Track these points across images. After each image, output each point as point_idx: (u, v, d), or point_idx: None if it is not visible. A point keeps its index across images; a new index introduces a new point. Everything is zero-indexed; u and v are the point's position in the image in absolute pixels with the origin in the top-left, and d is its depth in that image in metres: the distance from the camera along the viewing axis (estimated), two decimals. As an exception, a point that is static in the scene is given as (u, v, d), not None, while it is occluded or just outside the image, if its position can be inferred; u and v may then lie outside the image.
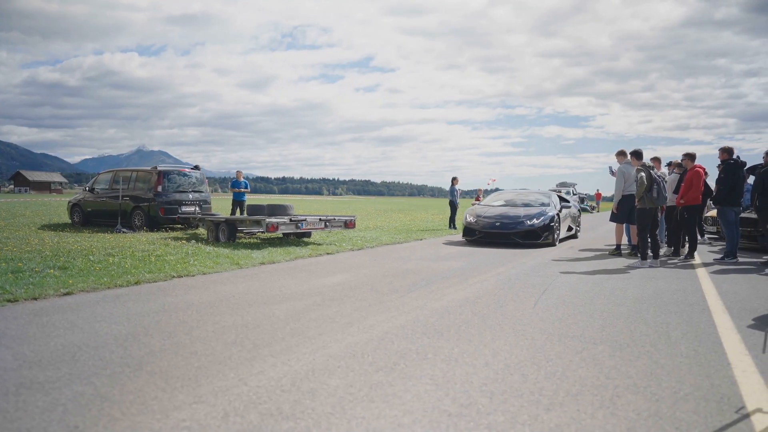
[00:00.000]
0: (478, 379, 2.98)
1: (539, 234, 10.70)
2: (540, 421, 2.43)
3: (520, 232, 10.72)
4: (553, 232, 10.91)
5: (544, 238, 10.72)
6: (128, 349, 3.42)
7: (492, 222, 11.10)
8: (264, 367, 3.09)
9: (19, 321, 4.14)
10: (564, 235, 12.19)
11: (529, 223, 10.78)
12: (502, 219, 11.12)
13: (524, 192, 13.25)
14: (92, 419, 2.36)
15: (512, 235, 10.74)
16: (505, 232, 10.81)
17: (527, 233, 10.71)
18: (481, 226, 11.13)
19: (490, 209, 11.85)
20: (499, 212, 11.53)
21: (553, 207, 11.61)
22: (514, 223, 10.88)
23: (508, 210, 11.66)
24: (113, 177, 14.58)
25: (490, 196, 14.02)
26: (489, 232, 10.99)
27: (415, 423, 2.39)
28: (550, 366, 3.23)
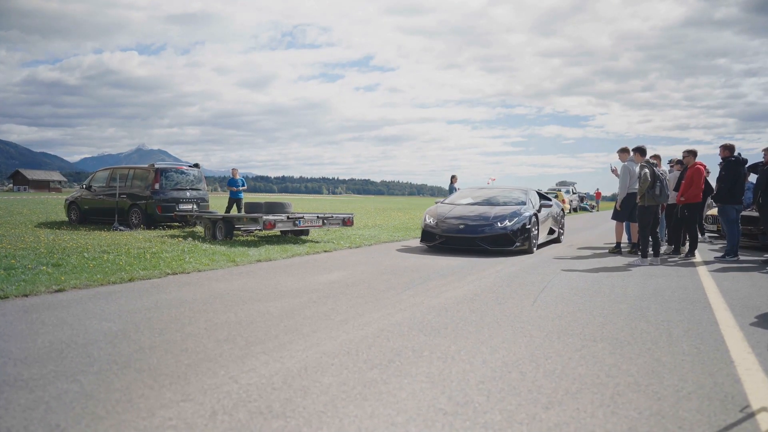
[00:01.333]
0: (475, 377, 2.90)
1: (512, 239, 8.87)
2: (538, 420, 2.35)
3: (488, 236, 8.88)
4: (529, 237, 9.12)
5: (519, 244, 8.95)
6: (117, 347, 3.34)
7: (455, 224, 9.18)
8: (256, 365, 3.02)
9: (7, 318, 4.05)
10: (544, 239, 10.35)
11: (501, 225, 8.94)
12: (467, 221, 9.19)
13: (498, 188, 11.28)
14: (75, 418, 2.28)
15: (479, 241, 8.87)
16: (471, 237, 8.92)
17: (498, 238, 8.88)
18: (443, 229, 9.21)
19: (454, 209, 9.84)
20: (465, 212, 9.57)
21: (530, 206, 9.74)
22: (481, 226, 9.00)
23: (476, 210, 9.69)
24: (110, 175, 14.49)
25: (457, 192, 11.75)
26: (451, 237, 9.10)
27: (409, 422, 2.31)
28: (549, 364, 3.15)
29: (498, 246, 8.86)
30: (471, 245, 8.96)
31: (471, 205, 10.09)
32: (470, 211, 9.60)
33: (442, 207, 10.15)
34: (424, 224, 9.60)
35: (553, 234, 11.10)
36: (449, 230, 9.15)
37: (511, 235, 8.88)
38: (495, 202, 10.16)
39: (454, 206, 10.07)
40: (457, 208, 9.93)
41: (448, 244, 9.18)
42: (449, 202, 10.69)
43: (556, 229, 11.38)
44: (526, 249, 9.09)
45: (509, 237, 8.88)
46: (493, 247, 8.84)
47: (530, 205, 9.83)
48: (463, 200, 10.64)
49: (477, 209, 9.71)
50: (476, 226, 9.02)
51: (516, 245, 8.89)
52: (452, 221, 9.29)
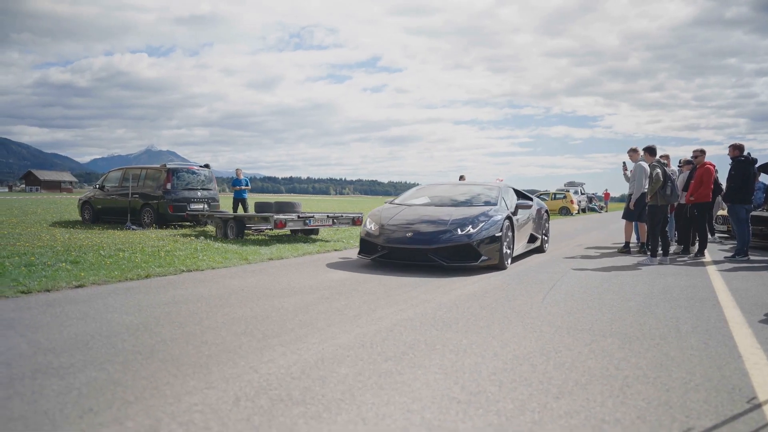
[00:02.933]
0: (486, 368, 2.99)
1: (476, 250, 6.73)
2: (549, 409, 2.43)
3: (444, 247, 6.70)
4: (500, 247, 6.92)
5: (486, 257, 6.79)
6: (140, 338, 3.45)
7: (402, 232, 6.99)
8: (274, 356, 3.12)
9: (32, 311, 4.18)
10: (522, 249, 8.29)
11: (462, 232, 6.79)
12: (418, 226, 7.02)
13: (463, 185, 9.16)
14: (106, 402, 2.39)
15: (432, 253, 6.71)
16: (421, 249, 6.73)
17: (457, 249, 6.73)
18: (386, 238, 7.02)
19: (403, 211, 7.63)
20: (416, 215, 7.39)
21: (502, 207, 7.66)
22: (436, 233, 6.82)
23: (432, 212, 7.51)
24: (123, 175, 14.69)
25: (411, 190, 9.28)
26: (396, 248, 6.89)
27: (424, 409, 2.40)
28: (559, 357, 3.23)
29: (457, 260, 6.73)
30: (421, 259, 6.79)
31: (426, 206, 7.96)
32: (423, 214, 7.41)
33: (389, 209, 7.89)
34: (364, 231, 7.45)
35: (534, 242, 9.03)
36: (393, 239, 6.95)
37: (475, 246, 6.71)
38: (457, 202, 8.08)
39: (404, 208, 7.85)
40: (408, 210, 7.70)
41: (392, 258, 6.98)
42: (400, 202, 8.47)
43: (538, 235, 9.23)
44: (497, 264, 6.91)
45: (472, 248, 6.72)
46: (451, 262, 6.69)
47: (503, 205, 7.77)
48: (417, 200, 8.48)
49: (433, 211, 7.54)
50: (429, 234, 6.83)
51: (482, 259, 6.75)
52: (398, 227, 7.10)
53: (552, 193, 32.10)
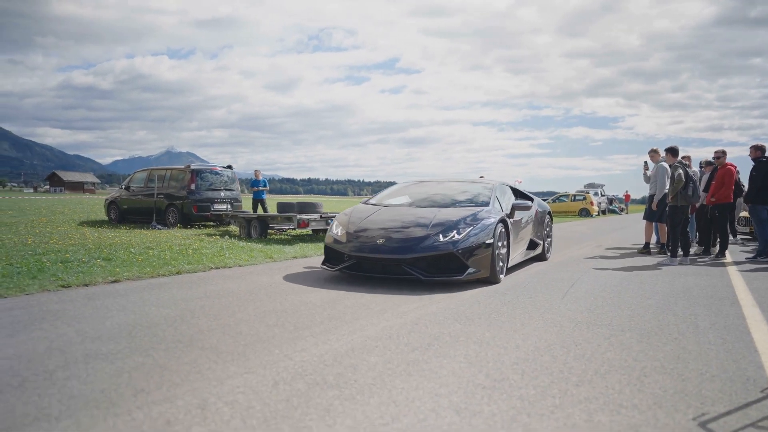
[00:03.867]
0: (509, 358, 3.13)
1: (462, 261, 5.51)
2: (569, 395, 2.56)
3: (422, 257, 5.50)
4: (492, 257, 5.73)
5: (475, 269, 5.58)
6: (178, 329, 3.65)
7: (372, 239, 5.78)
8: (306, 346, 3.29)
9: (75, 303, 4.42)
10: (520, 258, 7.14)
11: (444, 239, 5.58)
12: (392, 231, 5.82)
13: (451, 182, 7.67)
14: (155, 384, 2.58)
15: (407, 265, 5.49)
16: (395, 258, 5.52)
17: (438, 260, 5.54)
18: (353, 246, 5.83)
19: (377, 213, 6.46)
20: (391, 218, 6.18)
21: (495, 208, 6.50)
22: (413, 240, 5.61)
23: (410, 214, 6.32)
24: (148, 176, 15.07)
25: (390, 188, 7.98)
26: (364, 258, 5.70)
27: (451, 393, 2.55)
28: (579, 349, 3.35)
29: (439, 273, 5.51)
30: (395, 271, 5.55)
31: (405, 207, 6.77)
32: (400, 217, 6.19)
33: (361, 210, 6.66)
34: (329, 237, 6.25)
35: (535, 248, 7.82)
36: (361, 247, 5.75)
37: (460, 256, 5.48)
38: (443, 202, 6.83)
39: (378, 209, 6.63)
40: (383, 211, 6.49)
41: (359, 270, 5.76)
42: (376, 202, 7.20)
43: (540, 241, 8.05)
44: (488, 277, 5.72)
45: (457, 258, 5.49)
46: (431, 276, 5.45)
47: (496, 206, 6.60)
48: (396, 199, 7.29)
49: (412, 213, 6.31)
50: (405, 241, 5.61)
51: (469, 272, 5.50)
52: (368, 233, 5.88)
53: (572, 195, 31.97)
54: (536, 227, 7.96)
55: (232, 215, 12.28)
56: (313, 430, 2.13)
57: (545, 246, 8.32)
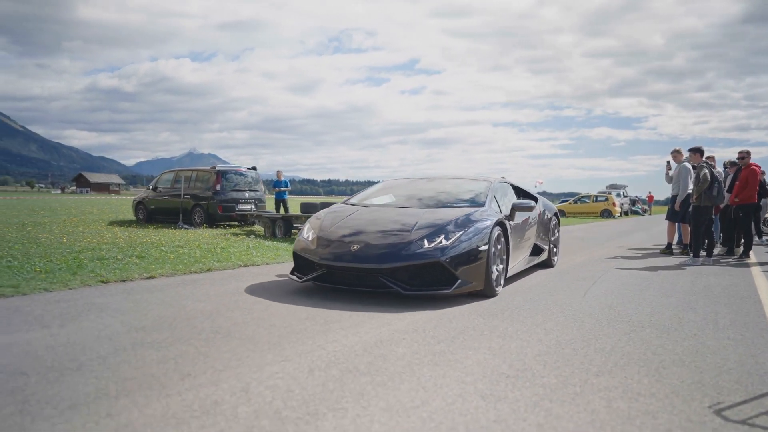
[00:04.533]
0: (531, 351, 3.26)
1: (450, 272, 4.70)
2: (590, 384, 2.69)
3: (401, 267, 4.69)
4: (487, 266, 4.91)
5: (464, 281, 4.74)
6: (215, 321, 3.85)
7: (345, 245, 4.97)
8: (337, 337, 3.46)
9: (116, 297, 4.66)
10: (522, 266, 6.33)
11: (429, 245, 4.77)
12: (368, 237, 4.99)
13: (442, 179, 6.77)
14: (200, 369, 2.77)
15: (384, 276, 4.69)
16: (370, 268, 4.72)
17: (420, 270, 4.73)
18: (323, 253, 5.01)
19: (355, 215, 5.60)
20: (369, 220, 5.37)
21: (491, 208, 5.65)
22: (392, 247, 4.80)
23: (391, 216, 5.46)
24: (175, 176, 15.44)
25: (374, 186, 7.08)
26: (335, 267, 4.90)
27: (476, 381, 2.70)
28: (599, 343, 3.47)
29: (422, 285, 4.70)
30: (370, 283, 4.74)
31: (387, 208, 5.89)
32: (380, 219, 5.36)
33: (337, 211, 5.81)
34: (298, 243, 5.39)
35: (539, 254, 6.99)
36: (333, 255, 4.92)
37: (447, 265, 4.65)
38: (431, 202, 5.96)
39: (357, 209, 5.81)
40: (361, 212, 5.66)
41: (331, 281, 4.95)
42: (356, 201, 6.34)
43: (545, 246, 7.20)
44: (482, 289, 4.92)
45: (443, 268, 4.68)
46: (412, 289, 4.64)
47: (493, 206, 5.77)
48: (379, 199, 6.44)
49: (394, 215, 5.47)
50: (383, 247, 4.79)
51: (458, 284, 4.68)
52: (341, 238, 5.06)
53: (593, 196, 31.76)
54: (541, 230, 7.10)
55: (257, 215, 12.56)
56: (349, 411, 2.29)
57: (551, 251, 7.46)
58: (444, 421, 2.21)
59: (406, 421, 2.21)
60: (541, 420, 2.24)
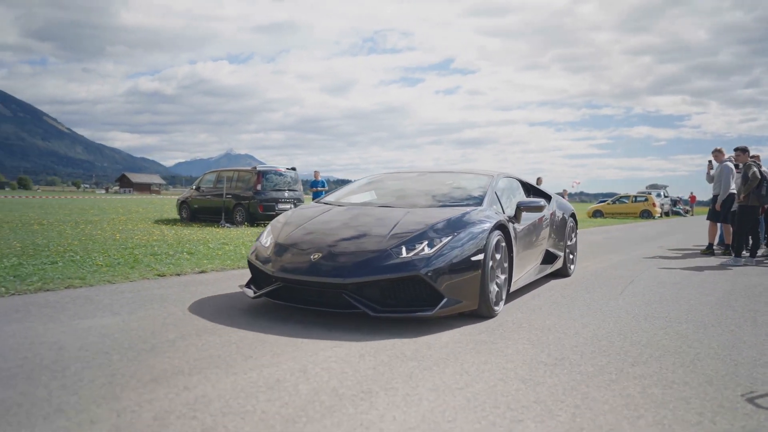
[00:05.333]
0: (569, 342, 3.41)
1: (433, 287, 3.71)
2: (625, 373, 2.83)
3: (371, 282, 3.72)
4: (481, 280, 3.95)
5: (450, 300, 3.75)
6: (270, 310, 4.12)
7: (305, 252, 4.04)
8: (383, 327, 3.67)
9: (173, 289, 4.99)
10: (531, 276, 5.32)
11: (407, 254, 3.81)
12: (334, 243, 4.07)
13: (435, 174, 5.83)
14: (260, 352, 3.03)
15: (349, 293, 3.72)
16: (332, 283, 3.75)
17: (396, 286, 3.77)
18: (280, 263, 4.06)
19: (324, 216, 4.66)
20: (339, 223, 4.44)
21: (490, 210, 4.62)
22: (361, 256, 3.85)
23: (367, 217, 4.51)
24: (217, 177, 15.98)
25: (358, 182, 6.03)
26: (291, 281, 3.93)
27: (516, 368, 2.87)
28: (635, 337, 3.59)
29: (398, 305, 3.76)
30: (333, 302, 3.82)
31: (365, 207, 4.89)
32: (353, 220, 4.44)
33: (304, 211, 4.87)
34: (253, 249, 4.49)
35: (552, 262, 5.97)
36: (290, 265, 3.99)
37: (428, 280, 3.70)
38: (419, 200, 4.97)
39: (328, 209, 4.85)
40: (332, 213, 4.71)
41: (287, 299, 4.00)
42: (334, 200, 5.34)
43: (560, 252, 6.25)
44: (477, 309, 4.00)
45: (424, 284, 3.74)
46: (383, 311, 3.68)
47: (492, 205, 4.78)
48: (358, 196, 5.47)
49: (371, 215, 4.52)
50: (351, 256, 3.87)
51: (444, 303, 3.71)
52: (303, 243, 4.14)
53: (632, 196, 31.22)
54: (555, 234, 6.14)
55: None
56: (399, 390, 2.50)
57: (567, 259, 6.41)
58: (487, 401, 2.39)
59: (452, 399, 2.41)
60: (578, 402, 2.41)
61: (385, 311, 3.68)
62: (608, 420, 2.22)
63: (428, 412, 2.26)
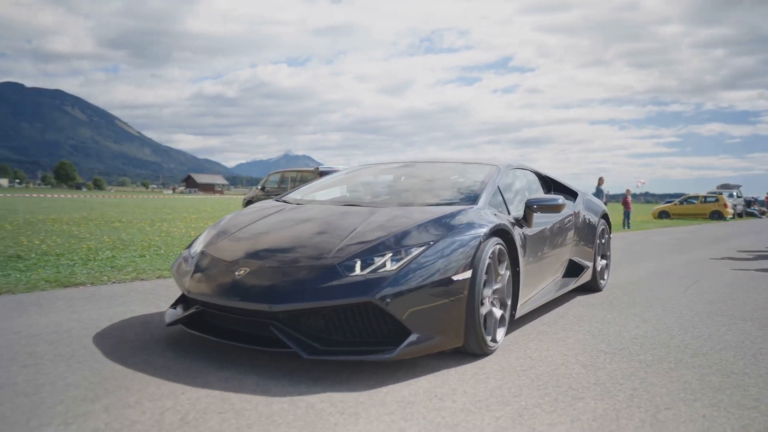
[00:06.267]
0: (629, 334, 3.55)
1: (393, 318, 2.63)
2: (684, 363, 2.97)
3: (308, 310, 2.65)
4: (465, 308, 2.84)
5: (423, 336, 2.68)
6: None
7: (230, 269, 2.92)
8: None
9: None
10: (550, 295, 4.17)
11: (360, 272, 2.71)
12: (265, 256, 2.96)
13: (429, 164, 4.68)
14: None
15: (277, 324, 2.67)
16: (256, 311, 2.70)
17: (344, 315, 2.67)
18: (197, 280, 3.00)
19: (271, 217, 3.56)
20: (288, 224, 3.37)
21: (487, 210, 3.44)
22: (293, 274, 2.76)
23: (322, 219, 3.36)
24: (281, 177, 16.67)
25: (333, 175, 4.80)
26: (213, 305, 2.88)
27: (577, 354, 3.06)
28: (696, 332, 3.68)
29: (344, 343, 2.69)
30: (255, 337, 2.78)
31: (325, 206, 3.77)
32: (302, 224, 3.36)
33: (253, 210, 3.86)
34: (179, 260, 3.44)
35: (578, 275, 4.77)
36: (210, 285, 2.95)
37: (386, 308, 2.60)
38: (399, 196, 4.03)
39: (280, 208, 3.82)
40: (283, 213, 3.67)
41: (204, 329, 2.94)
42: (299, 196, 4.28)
43: (587, 262, 5.01)
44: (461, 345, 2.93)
45: (380, 312, 2.66)
46: (321, 353, 2.61)
47: (492, 204, 3.67)
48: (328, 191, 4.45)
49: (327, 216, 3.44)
50: (283, 273, 2.80)
51: (409, 342, 2.65)
52: (231, 254, 3.10)
53: (702, 196, 30.00)
54: (581, 240, 4.93)
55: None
56: (468, 371, 2.75)
57: (597, 269, 5.20)
58: (550, 381, 2.61)
59: (516, 379, 2.63)
60: (636, 385, 2.58)
61: (326, 352, 2.59)
62: (665, 401, 2.38)
63: (496, 388, 2.50)
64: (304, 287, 2.67)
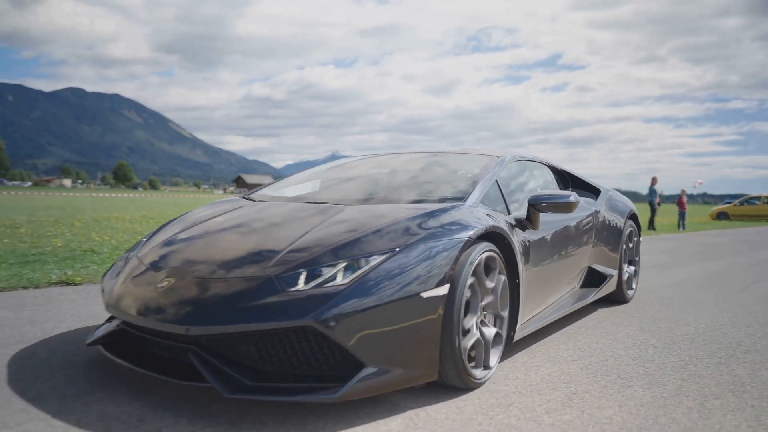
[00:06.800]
0: (679, 330, 3.59)
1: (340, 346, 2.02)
2: (736, 358, 3.00)
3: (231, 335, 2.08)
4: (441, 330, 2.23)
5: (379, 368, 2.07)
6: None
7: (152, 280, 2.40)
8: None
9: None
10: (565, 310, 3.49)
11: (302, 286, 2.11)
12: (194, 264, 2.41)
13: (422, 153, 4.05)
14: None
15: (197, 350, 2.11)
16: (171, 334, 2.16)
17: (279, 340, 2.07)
18: (117, 294, 2.46)
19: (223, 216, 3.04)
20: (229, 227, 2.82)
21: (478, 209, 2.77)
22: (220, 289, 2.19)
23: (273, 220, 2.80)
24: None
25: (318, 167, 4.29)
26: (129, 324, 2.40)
27: (627, 347, 3.14)
28: (750, 329, 3.68)
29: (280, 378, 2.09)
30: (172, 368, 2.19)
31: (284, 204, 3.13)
32: (247, 225, 2.81)
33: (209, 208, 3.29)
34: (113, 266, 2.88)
35: (599, 285, 4.09)
36: (128, 300, 2.39)
37: (327, 333, 1.99)
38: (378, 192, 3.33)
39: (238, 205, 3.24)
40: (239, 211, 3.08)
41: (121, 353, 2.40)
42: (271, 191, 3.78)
43: (612, 270, 4.31)
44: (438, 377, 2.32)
45: (326, 342, 2.05)
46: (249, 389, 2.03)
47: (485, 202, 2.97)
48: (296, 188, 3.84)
49: (281, 215, 2.87)
50: (206, 288, 2.22)
51: (362, 377, 2.04)
52: (159, 261, 2.57)
53: (765, 197, 28.72)
54: (603, 245, 4.24)
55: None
56: (519, 359, 2.88)
57: (623, 278, 4.52)
58: (599, 370, 2.71)
59: (566, 367, 2.75)
60: (685, 377, 2.65)
61: (254, 390, 2.04)
62: (713, 391, 2.46)
63: (546, 375, 2.63)
64: (229, 306, 2.10)
